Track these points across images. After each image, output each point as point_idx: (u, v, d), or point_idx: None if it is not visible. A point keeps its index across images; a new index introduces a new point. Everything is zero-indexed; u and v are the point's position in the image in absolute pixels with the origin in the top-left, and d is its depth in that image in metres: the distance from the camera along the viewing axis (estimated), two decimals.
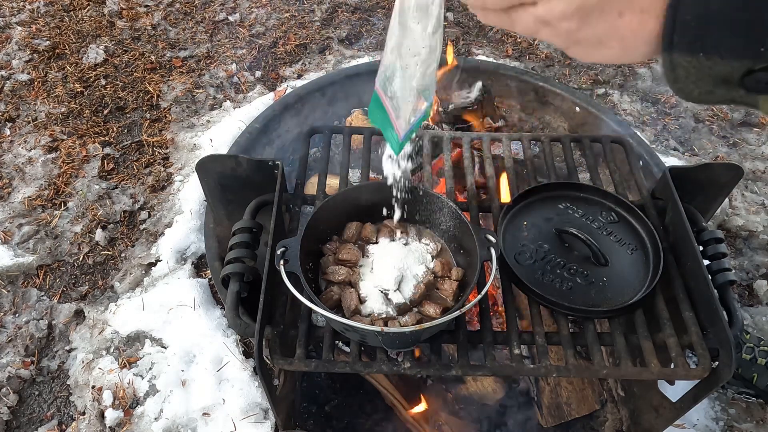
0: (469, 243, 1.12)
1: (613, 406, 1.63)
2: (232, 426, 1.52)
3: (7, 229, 2.06)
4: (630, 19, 0.40)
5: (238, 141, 1.97)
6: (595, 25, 0.42)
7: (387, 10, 3.11)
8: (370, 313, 1.06)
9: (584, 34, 0.43)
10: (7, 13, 3.02)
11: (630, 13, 0.40)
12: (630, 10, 0.39)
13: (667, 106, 2.62)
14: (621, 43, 0.41)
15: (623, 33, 0.40)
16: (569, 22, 0.43)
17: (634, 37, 0.41)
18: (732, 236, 2.11)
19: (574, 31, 0.43)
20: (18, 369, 1.71)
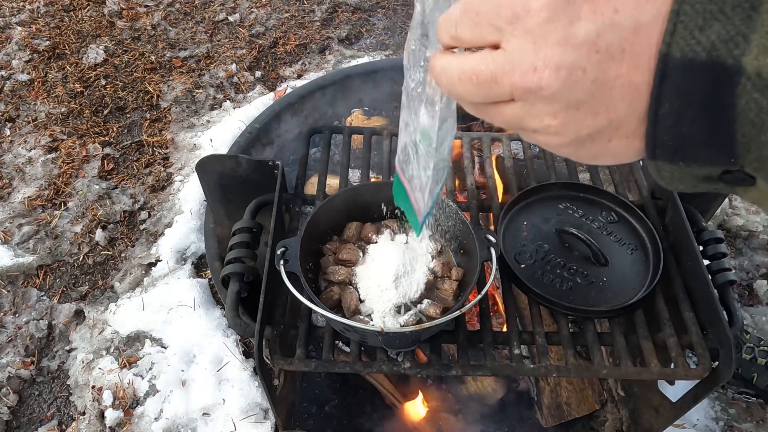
0: (469, 243, 1.12)
1: (613, 406, 1.63)
2: (232, 426, 1.52)
3: (7, 229, 2.06)
4: (618, 143, 0.45)
5: (238, 141, 1.97)
6: (588, 149, 0.46)
7: (387, 10, 3.11)
8: (369, 313, 1.06)
9: (579, 154, 0.48)
10: (7, 13, 3.02)
11: (618, 139, 0.44)
12: (617, 136, 0.44)
13: None
14: (613, 158, 0.47)
15: (614, 151, 0.46)
16: (566, 149, 0.47)
17: (624, 153, 0.46)
18: (732, 236, 2.11)
19: (570, 154, 0.48)
20: (18, 369, 1.71)
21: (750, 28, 0.35)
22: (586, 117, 0.43)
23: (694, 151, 0.40)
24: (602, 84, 0.41)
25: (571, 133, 0.45)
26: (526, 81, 0.42)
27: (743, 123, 0.37)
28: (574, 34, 0.40)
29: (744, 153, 0.38)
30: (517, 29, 0.42)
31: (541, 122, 0.45)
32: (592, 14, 0.40)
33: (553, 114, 0.44)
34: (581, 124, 0.44)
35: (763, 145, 0.37)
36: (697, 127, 0.39)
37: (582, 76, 0.41)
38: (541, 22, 0.41)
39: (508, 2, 0.42)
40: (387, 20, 3.05)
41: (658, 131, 0.41)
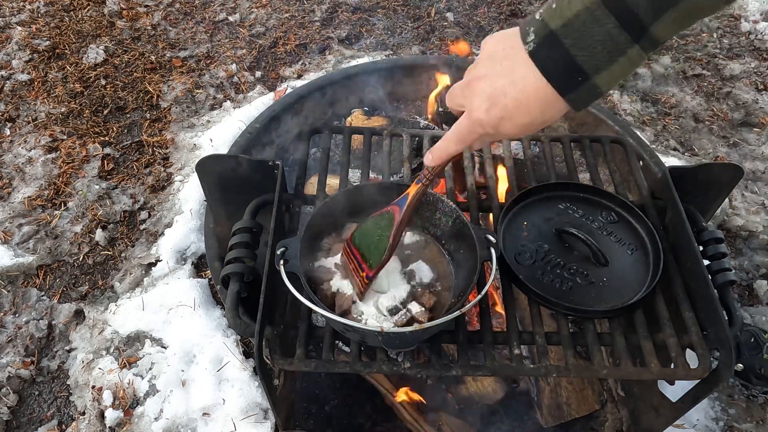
0: (469, 243, 1.12)
1: (613, 406, 1.63)
2: (232, 426, 1.52)
3: (7, 229, 2.06)
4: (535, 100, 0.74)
5: (238, 141, 1.97)
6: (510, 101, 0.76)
7: (387, 10, 3.12)
8: (361, 313, 1.06)
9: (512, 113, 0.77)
10: (7, 13, 3.02)
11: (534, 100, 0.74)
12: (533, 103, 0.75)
13: (667, 106, 2.62)
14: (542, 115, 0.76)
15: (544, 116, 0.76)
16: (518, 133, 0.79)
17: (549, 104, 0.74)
18: (732, 236, 2.11)
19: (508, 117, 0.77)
20: (18, 369, 1.71)
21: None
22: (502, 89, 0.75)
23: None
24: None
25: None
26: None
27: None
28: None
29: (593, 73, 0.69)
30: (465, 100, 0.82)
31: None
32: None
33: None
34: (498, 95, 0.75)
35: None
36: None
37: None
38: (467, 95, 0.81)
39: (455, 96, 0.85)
40: (387, 20, 3.05)
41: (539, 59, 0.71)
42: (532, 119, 0.74)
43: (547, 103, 0.72)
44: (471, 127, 0.81)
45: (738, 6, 3.20)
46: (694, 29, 3.06)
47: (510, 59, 0.73)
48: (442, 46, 2.89)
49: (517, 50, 0.72)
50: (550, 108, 0.73)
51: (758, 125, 2.56)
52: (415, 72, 2.32)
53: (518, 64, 0.72)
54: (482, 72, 0.77)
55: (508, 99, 0.73)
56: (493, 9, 3.15)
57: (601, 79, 0.68)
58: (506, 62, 0.73)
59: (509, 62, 0.73)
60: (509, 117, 0.75)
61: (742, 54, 2.91)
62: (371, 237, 1.05)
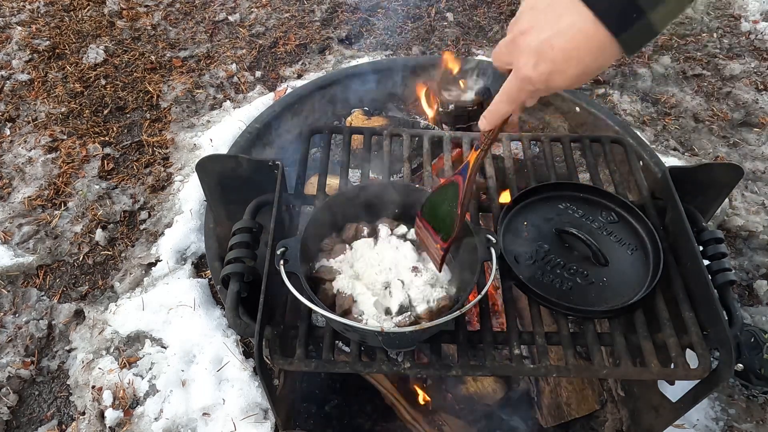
0: (469, 243, 1.12)
1: (613, 406, 1.63)
2: (232, 426, 1.52)
3: (7, 229, 2.06)
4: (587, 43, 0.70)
5: (238, 141, 1.97)
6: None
7: (387, 10, 3.11)
8: (362, 312, 1.07)
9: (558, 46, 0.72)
10: (7, 13, 3.02)
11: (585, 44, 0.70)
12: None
13: (667, 106, 2.62)
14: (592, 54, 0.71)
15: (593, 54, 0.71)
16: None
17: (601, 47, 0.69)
18: (732, 236, 2.11)
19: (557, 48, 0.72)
20: (18, 369, 1.71)
21: None
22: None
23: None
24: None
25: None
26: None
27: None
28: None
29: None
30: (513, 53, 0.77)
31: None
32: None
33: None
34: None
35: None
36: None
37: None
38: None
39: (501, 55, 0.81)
40: (387, 20, 3.05)
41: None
42: (584, 68, 0.70)
43: (598, 48, 0.68)
44: (520, 85, 0.76)
45: (738, 6, 3.20)
46: (694, 29, 3.06)
47: (553, 7, 0.69)
48: (442, 46, 2.89)
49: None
50: (602, 53, 0.69)
51: (758, 125, 2.55)
52: (415, 72, 2.32)
53: (563, 12, 0.68)
54: (525, 25, 0.73)
55: (556, 51, 0.70)
56: (493, 9, 3.15)
57: (656, 15, 0.65)
58: (550, 11, 0.70)
59: (553, 11, 0.69)
60: (559, 70, 0.71)
61: (742, 54, 2.91)
62: (440, 209, 1.05)
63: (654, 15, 0.65)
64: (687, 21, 3.11)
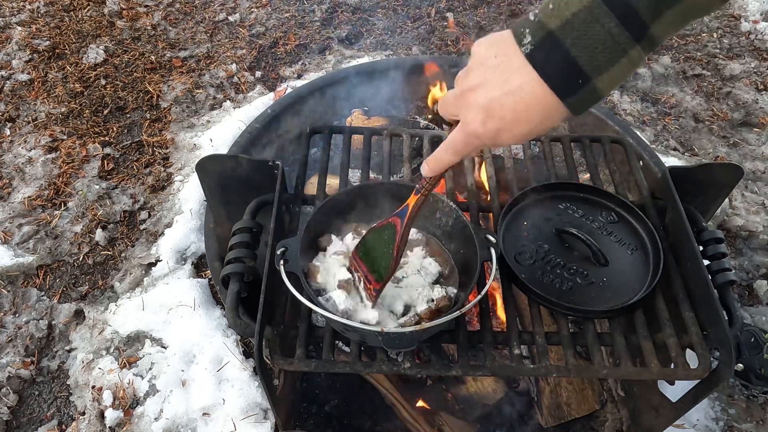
0: (469, 243, 1.12)
1: (613, 406, 1.63)
2: (232, 426, 1.52)
3: (7, 229, 2.06)
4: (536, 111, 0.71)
5: (238, 141, 1.97)
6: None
7: (387, 10, 3.11)
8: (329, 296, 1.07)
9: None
10: (7, 13, 3.02)
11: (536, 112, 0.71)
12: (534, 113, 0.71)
13: (667, 106, 2.62)
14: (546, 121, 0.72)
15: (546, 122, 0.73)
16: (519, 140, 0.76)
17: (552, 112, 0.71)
18: (732, 236, 2.11)
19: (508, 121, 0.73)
20: (18, 369, 1.71)
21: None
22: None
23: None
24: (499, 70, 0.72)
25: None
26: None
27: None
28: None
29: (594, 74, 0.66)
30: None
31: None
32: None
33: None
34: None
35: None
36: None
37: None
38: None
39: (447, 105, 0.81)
40: (387, 20, 3.05)
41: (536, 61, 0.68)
42: (530, 128, 0.72)
43: (546, 110, 0.70)
44: (467, 139, 0.78)
45: (738, 6, 3.20)
46: (694, 29, 3.06)
47: (503, 67, 0.70)
48: (442, 46, 2.89)
49: (511, 56, 0.69)
50: (549, 115, 0.70)
51: (758, 125, 2.56)
52: (415, 72, 2.32)
53: (513, 72, 0.69)
54: (474, 82, 0.73)
55: (505, 110, 0.71)
56: (493, 9, 3.15)
57: (602, 81, 0.66)
58: (500, 71, 0.70)
59: (503, 70, 0.70)
60: (507, 128, 0.72)
61: (742, 54, 2.91)
62: (376, 250, 1.03)
63: (600, 81, 0.66)
64: None
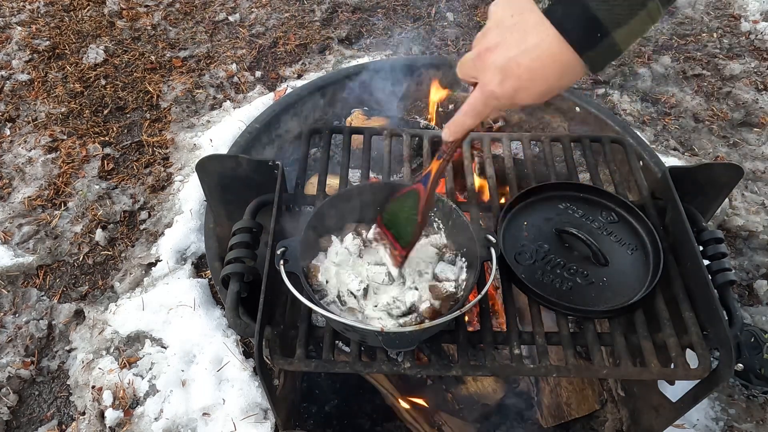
0: (469, 243, 1.12)
1: (613, 406, 1.63)
2: (232, 426, 1.52)
3: (7, 229, 2.06)
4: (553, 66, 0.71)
5: (238, 141, 1.97)
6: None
7: (387, 10, 3.11)
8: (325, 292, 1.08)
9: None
10: (7, 13, 3.02)
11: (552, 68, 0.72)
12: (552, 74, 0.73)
13: (667, 106, 2.62)
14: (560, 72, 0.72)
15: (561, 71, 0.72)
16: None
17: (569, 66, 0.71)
18: (732, 236, 2.11)
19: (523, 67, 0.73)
20: (18, 369, 1.71)
21: None
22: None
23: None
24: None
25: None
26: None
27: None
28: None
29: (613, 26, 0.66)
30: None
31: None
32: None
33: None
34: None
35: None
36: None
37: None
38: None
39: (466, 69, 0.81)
40: (387, 20, 3.05)
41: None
42: (548, 86, 0.72)
43: (563, 66, 0.70)
44: (486, 100, 0.78)
45: (738, 6, 3.20)
46: (694, 29, 3.06)
47: (520, 26, 0.71)
48: (442, 46, 2.89)
49: (527, 14, 0.70)
50: (567, 72, 0.70)
51: (758, 125, 2.55)
52: (415, 72, 2.32)
53: (529, 30, 0.70)
54: (492, 42, 0.74)
55: (522, 69, 0.71)
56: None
57: (621, 34, 0.66)
58: (516, 30, 0.71)
59: (519, 29, 0.71)
60: (525, 87, 0.73)
61: (742, 54, 2.91)
62: (400, 216, 1.06)
63: (618, 35, 0.66)
64: (687, 21, 3.11)
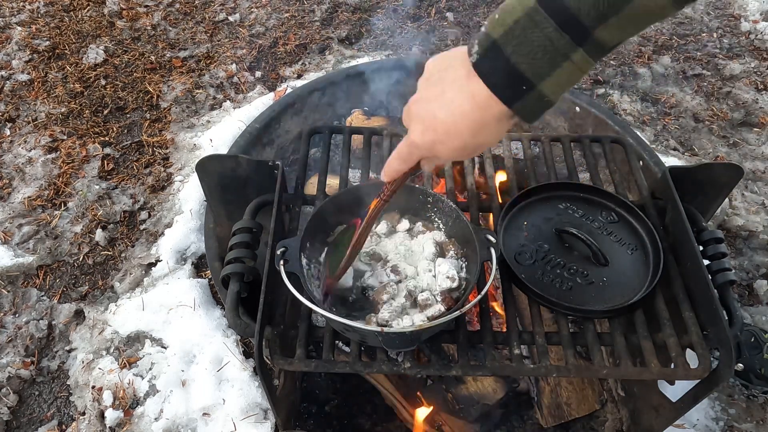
0: (469, 243, 1.12)
1: (613, 406, 1.63)
2: (232, 426, 1.52)
3: (7, 229, 2.06)
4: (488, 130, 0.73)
5: (238, 141, 1.97)
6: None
7: (387, 10, 3.11)
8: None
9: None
10: (7, 13, 3.02)
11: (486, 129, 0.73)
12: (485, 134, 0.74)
13: (667, 106, 2.62)
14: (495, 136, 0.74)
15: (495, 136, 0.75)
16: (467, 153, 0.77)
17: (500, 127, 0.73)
18: (732, 236, 2.11)
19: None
20: (18, 369, 1.71)
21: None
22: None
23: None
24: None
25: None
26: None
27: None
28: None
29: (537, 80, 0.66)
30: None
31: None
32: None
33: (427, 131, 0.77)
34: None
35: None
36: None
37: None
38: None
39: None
40: (387, 20, 3.05)
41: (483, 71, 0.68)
42: (463, 142, 0.73)
43: (476, 123, 0.71)
44: (409, 149, 0.81)
45: (738, 6, 3.20)
46: (694, 29, 3.06)
47: (442, 81, 0.73)
48: (442, 46, 2.89)
49: (451, 71, 0.72)
50: (482, 129, 0.71)
51: (758, 125, 2.55)
52: (415, 72, 2.32)
53: (447, 87, 0.72)
54: (418, 95, 0.77)
55: (437, 122, 0.73)
56: (493, 9, 3.15)
57: (547, 86, 0.66)
58: (438, 84, 0.73)
59: (441, 84, 0.73)
60: (441, 141, 0.74)
61: (742, 54, 2.91)
62: (338, 250, 1.09)
63: (545, 86, 0.66)
64: (687, 21, 3.11)
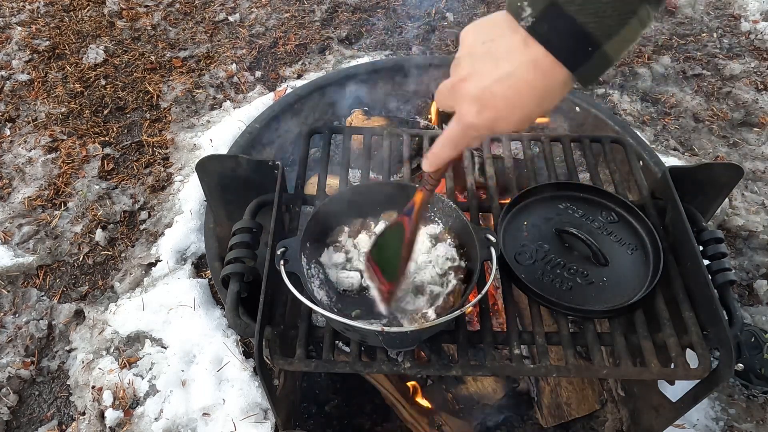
0: (469, 243, 1.12)
1: (613, 406, 1.63)
2: (232, 426, 1.52)
3: (7, 229, 2.06)
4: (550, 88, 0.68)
5: (238, 141, 1.97)
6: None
7: (387, 10, 3.11)
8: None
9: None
10: (7, 13, 3.02)
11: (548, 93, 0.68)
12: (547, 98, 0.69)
13: (667, 106, 2.62)
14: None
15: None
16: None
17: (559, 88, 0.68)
18: (732, 236, 2.11)
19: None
20: (18, 369, 1.71)
21: None
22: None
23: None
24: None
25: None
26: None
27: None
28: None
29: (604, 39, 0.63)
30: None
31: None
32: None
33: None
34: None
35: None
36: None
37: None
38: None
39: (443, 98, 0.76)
40: (387, 20, 3.05)
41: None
42: (528, 113, 0.68)
43: (541, 91, 0.66)
44: (464, 131, 0.74)
45: (738, 6, 3.20)
46: (694, 29, 3.06)
47: (492, 54, 0.67)
48: (442, 45, 2.89)
49: (499, 40, 0.66)
50: (547, 96, 0.67)
51: (758, 125, 2.55)
52: (415, 72, 2.32)
53: (501, 57, 0.66)
54: (465, 72, 0.70)
55: (498, 99, 0.67)
56: (493, 9, 3.15)
57: (612, 45, 0.62)
58: (488, 57, 0.67)
59: (492, 57, 0.67)
60: (503, 117, 0.69)
61: (742, 54, 2.91)
62: (386, 250, 1.02)
63: (610, 46, 0.63)
64: (687, 21, 3.11)
